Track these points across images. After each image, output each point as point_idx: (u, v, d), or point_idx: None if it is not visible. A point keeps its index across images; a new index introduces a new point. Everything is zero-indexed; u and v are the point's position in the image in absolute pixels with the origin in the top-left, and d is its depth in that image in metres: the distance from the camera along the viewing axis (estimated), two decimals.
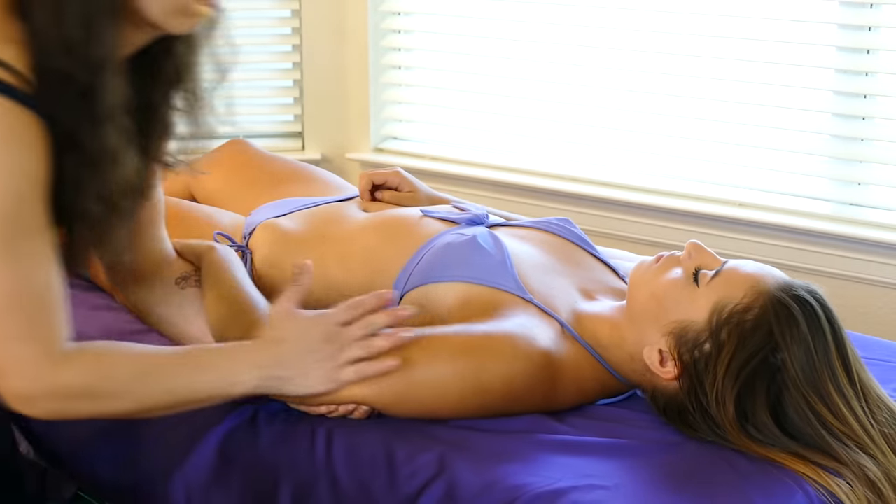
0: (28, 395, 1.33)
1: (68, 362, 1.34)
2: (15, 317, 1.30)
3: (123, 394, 1.39)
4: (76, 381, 1.35)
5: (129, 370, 1.39)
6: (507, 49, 3.14)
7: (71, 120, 1.29)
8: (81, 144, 1.30)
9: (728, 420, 1.48)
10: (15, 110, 1.24)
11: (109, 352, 1.40)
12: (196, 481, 1.54)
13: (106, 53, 1.29)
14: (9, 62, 1.24)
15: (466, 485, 1.40)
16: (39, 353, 1.31)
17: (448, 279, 1.63)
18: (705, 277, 1.55)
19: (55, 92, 1.27)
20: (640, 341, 1.58)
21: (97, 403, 1.38)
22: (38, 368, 1.31)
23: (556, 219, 1.85)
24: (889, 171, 2.66)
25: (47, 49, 1.26)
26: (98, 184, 1.34)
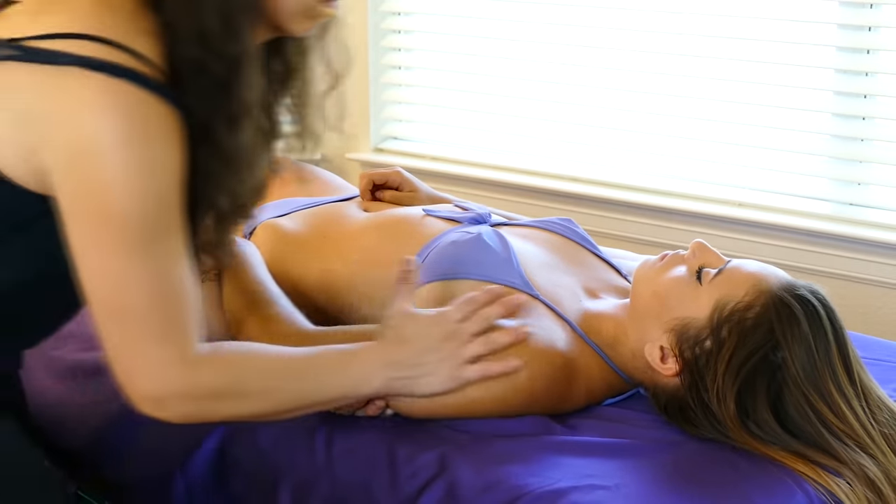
0: (160, 397, 1.29)
1: (203, 364, 1.31)
2: (153, 318, 1.26)
3: (258, 395, 1.37)
4: (211, 382, 1.32)
5: (264, 372, 1.37)
6: (507, 49, 3.14)
7: (206, 112, 1.26)
8: (217, 139, 1.27)
9: (729, 416, 1.48)
10: (153, 101, 1.20)
11: (244, 353, 1.38)
12: (196, 481, 1.54)
13: (242, 47, 1.26)
14: (143, 52, 1.21)
15: (467, 485, 1.40)
16: (175, 355, 1.28)
17: (455, 276, 1.63)
18: (708, 275, 1.56)
19: (191, 83, 1.24)
20: (642, 338, 1.58)
21: (231, 405, 1.36)
22: (172, 370, 1.28)
23: (559, 218, 1.85)
24: (889, 171, 2.66)
25: (182, 40, 1.23)
26: (231, 180, 1.31)
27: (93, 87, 1.18)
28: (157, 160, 1.22)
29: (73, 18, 1.21)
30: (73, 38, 1.19)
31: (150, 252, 1.25)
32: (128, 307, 1.25)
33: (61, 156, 1.21)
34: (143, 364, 1.28)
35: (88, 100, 1.18)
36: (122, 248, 1.23)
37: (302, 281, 1.78)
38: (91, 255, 1.24)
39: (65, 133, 1.20)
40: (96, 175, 1.20)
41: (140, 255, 1.24)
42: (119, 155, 1.19)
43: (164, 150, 1.22)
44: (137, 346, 1.27)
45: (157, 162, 1.22)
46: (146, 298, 1.25)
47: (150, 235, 1.24)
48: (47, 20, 1.22)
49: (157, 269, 1.25)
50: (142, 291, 1.25)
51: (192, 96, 1.25)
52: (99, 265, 1.24)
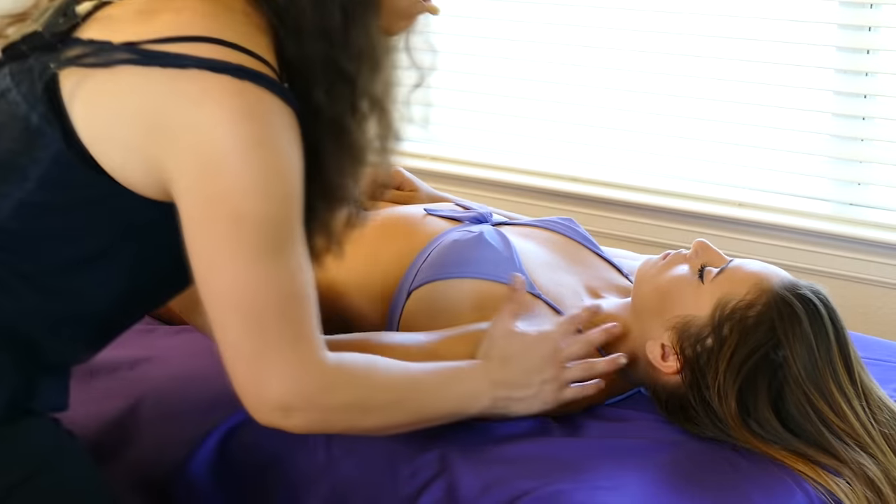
0: (287, 406, 1.26)
1: (333, 374, 1.29)
2: (286, 322, 1.23)
3: (383, 410, 1.36)
4: (342, 394, 1.30)
5: (394, 387, 1.36)
6: (507, 49, 3.14)
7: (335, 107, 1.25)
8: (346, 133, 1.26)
9: (730, 414, 1.48)
10: (275, 101, 1.18)
11: (373, 366, 1.36)
12: (196, 481, 1.54)
13: (368, 42, 1.25)
14: (260, 53, 1.19)
15: (467, 485, 1.40)
16: (303, 362, 1.25)
17: (458, 275, 1.63)
18: (710, 274, 1.56)
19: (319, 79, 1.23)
20: (644, 336, 1.58)
21: (355, 417, 1.34)
22: (301, 378, 1.25)
23: (560, 218, 1.85)
24: (889, 171, 2.66)
25: (305, 36, 1.22)
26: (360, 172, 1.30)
27: (219, 91, 1.16)
28: (284, 161, 1.20)
29: (189, 20, 1.18)
30: (192, 41, 1.17)
31: (280, 254, 1.22)
32: (262, 312, 1.22)
33: (187, 161, 1.18)
34: (277, 370, 1.24)
35: (214, 103, 1.16)
36: (254, 251, 1.21)
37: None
38: (221, 261, 1.21)
39: (191, 138, 1.17)
40: (227, 179, 1.18)
41: (272, 257, 1.21)
42: (249, 158, 1.17)
43: (288, 150, 1.20)
44: (272, 352, 1.23)
45: (284, 163, 1.20)
46: (279, 303, 1.23)
47: (280, 238, 1.22)
48: (160, 22, 1.19)
49: (287, 271, 1.23)
50: (274, 295, 1.22)
51: (320, 91, 1.23)
52: (231, 271, 1.21)
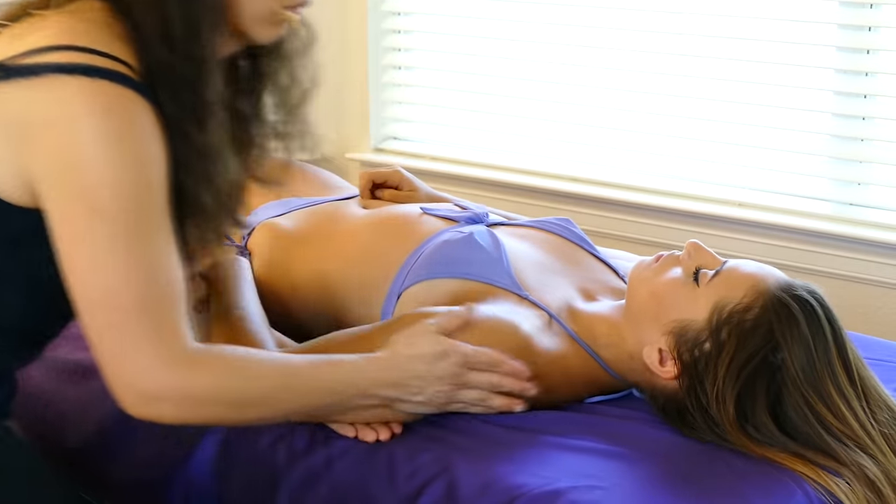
0: (153, 396, 1.28)
1: (202, 364, 1.31)
2: (146, 313, 1.26)
3: (259, 401, 1.36)
4: (213, 385, 1.31)
5: (269, 378, 1.36)
6: (507, 49, 3.14)
7: (177, 110, 1.29)
8: (189, 134, 1.30)
9: (728, 419, 1.48)
10: (132, 97, 1.24)
11: (246, 358, 1.37)
12: (196, 481, 1.54)
13: (206, 50, 1.30)
14: (117, 55, 1.25)
15: (466, 484, 1.40)
16: (170, 352, 1.28)
17: (443, 276, 1.63)
18: (705, 277, 1.55)
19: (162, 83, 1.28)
20: (640, 340, 1.58)
21: (225, 410, 1.35)
22: (168, 367, 1.28)
23: (556, 218, 1.85)
24: (889, 171, 2.66)
25: (150, 43, 1.28)
26: (209, 175, 1.33)
27: (72, 89, 1.22)
28: (142, 153, 1.25)
29: (51, 34, 1.26)
30: (51, 51, 1.24)
31: (141, 246, 1.26)
32: (121, 303, 1.26)
33: (49, 161, 1.24)
34: (137, 361, 1.27)
35: (69, 101, 1.22)
36: (112, 242, 1.25)
37: (300, 279, 1.78)
38: (81, 253, 1.26)
39: (50, 138, 1.23)
40: (84, 172, 1.23)
41: (131, 248, 1.25)
42: (105, 149, 1.23)
43: (146, 142, 1.26)
44: (132, 343, 1.27)
45: (142, 155, 1.25)
46: (139, 294, 1.26)
47: (140, 229, 1.25)
48: (28, 40, 1.27)
49: (148, 263, 1.26)
50: (134, 286, 1.26)
51: (164, 95, 1.29)
52: (90, 262, 1.26)
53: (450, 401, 1.47)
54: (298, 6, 1.39)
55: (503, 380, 1.49)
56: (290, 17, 1.38)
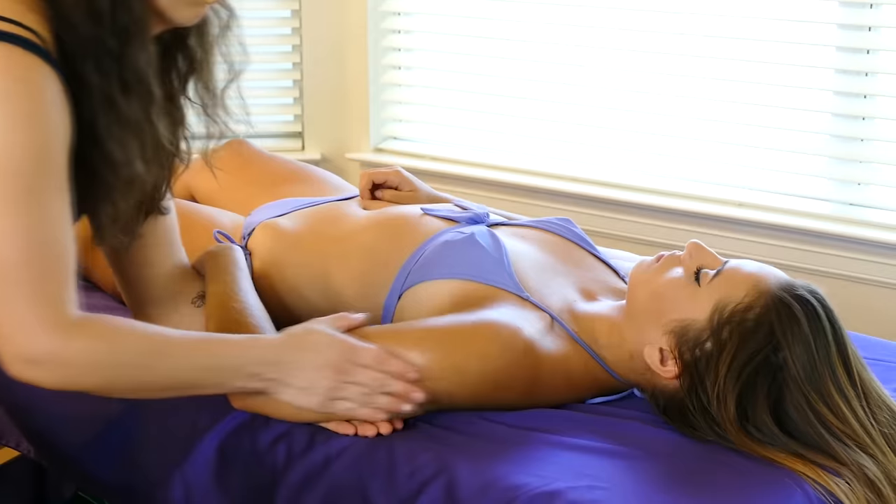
0: (32, 359, 1.29)
1: (79, 329, 1.31)
2: (27, 273, 1.27)
3: (131, 369, 1.37)
4: (85, 349, 1.32)
5: (141, 346, 1.37)
6: (508, 49, 3.14)
7: (104, 81, 1.31)
8: (116, 105, 1.31)
9: (728, 419, 1.48)
10: (36, 63, 1.25)
11: (122, 325, 1.38)
12: (195, 481, 1.54)
13: (133, 22, 1.31)
14: (31, 26, 1.26)
15: (465, 485, 1.40)
16: (49, 316, 1.28)
17: (444, 276, 1.63)
18: (706, 277, 1.55)
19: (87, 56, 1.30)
20: (641, 340, 1.58)
21: (102, 376, 1.35)
22: (46, 332, 1.28)
23: (557, 218, 1.85)
24: (889, 171, 2.66)
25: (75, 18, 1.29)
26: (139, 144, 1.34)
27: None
28: (40, 115, 1.25)
29: None
30: None
31: (29, 206, 1.26)
32: (5, 263, 1.26)
33: None
34: (16, 322, 1.28)
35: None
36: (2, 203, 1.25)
37: (300, 279, 1.78)
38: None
39: None
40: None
41: (18, 208, 1.25)
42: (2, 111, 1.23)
43: (46, 107, 1.26)
44: (11, 302, 1.27)
45: (40, 117, 1.25)
46: (21, 253, 1.26)
47: (29, 189, 1.26)
48: None
49: (34, 224, 1.27)
50: (16, 246, 1.26)
51: (90, 68, 1.30)
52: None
53: (334, 394, 1.46)
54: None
55: (388, 379, 1.48)
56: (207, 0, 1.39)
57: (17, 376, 1.32)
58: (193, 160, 1.54)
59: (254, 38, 3.31)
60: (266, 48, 3.40)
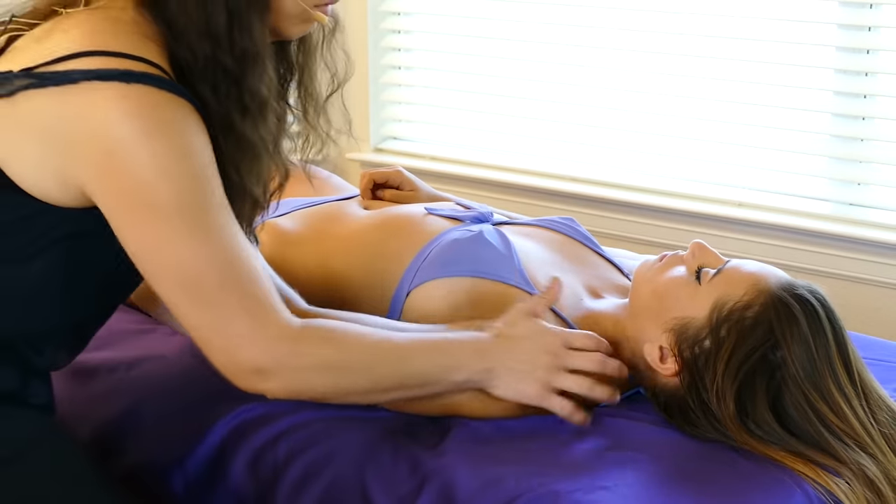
0: (260, 369, 1.32)
1: (305, 335, 1.35)
2: (232, 290, 1.30)
3: (361, 370, 1.40)
4: (315, 353, 1.35)
5: (364, 346, 1.40)
6: (508, 49, 3.14)
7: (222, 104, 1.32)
8: (235, 128, 1.33)
9: (729, 416, 1.48)
10: (167, 97, 1.26)
11: (343, 328, 1.41)
12: (195, 478, 1.54)
13: (251, 42, 1.32)
14: (148, 57, 1.27)
15: (464, 485, 1.40)
16: (264, 325, 1.31)
17: (456, 274, 1.63)
18: (707, 275, 1.56)
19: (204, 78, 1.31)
20: (642, 338, 1.58)
21: (332, 378, 1.38)
22: (272, 341, 1.32)
23: (561, 217, 1.85)
24: (889, 171, 2.66)
25: (191, 39, 1.30)
26: (258, 168, 1.36)
27: (108, 95, 1.24)
28: (182, 145, 1.27)
29: (78, 37, 1.27)
30: (82, 57, 1.25)
31: (205, 229, 1.29)
32: (203, 285, 1.29)
33: (92, 166, 1.26)
34: (241, 336, 1.31)
35: (105, 107, 1.24)
36: (177, 230, 1.28)
37: (302, 279, 1.77)
38: (151, 247, 1.29)
39: (91, 144, 1.25)
40: (129, 172, 1.25)
41: (197, 233, 1.28)
42: (145, 147, 1.25)
43: (185, 135, 1.27)
44: (230, 320, 1.30)
45: (183, 147, 1.27)
46: (219, 271, 1.29)
47: (199, 214, 1.28)
48: (54, 44, 1.28)
49: (216, 244, 1.29)
50: (213, 265, 1.29)
51: (207, 90, 1.30)
52: (161, 253, 1.29)
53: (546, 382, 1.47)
54: (328, 4, 1.41)
55: (611, 365, 1.50)
56: (319, 17, 1.40)
57: (248, 388, 1.35)
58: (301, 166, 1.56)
59: None
60: None
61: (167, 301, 1.32)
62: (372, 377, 1.41)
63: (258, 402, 1.56)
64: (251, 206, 1.40)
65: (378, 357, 1.41)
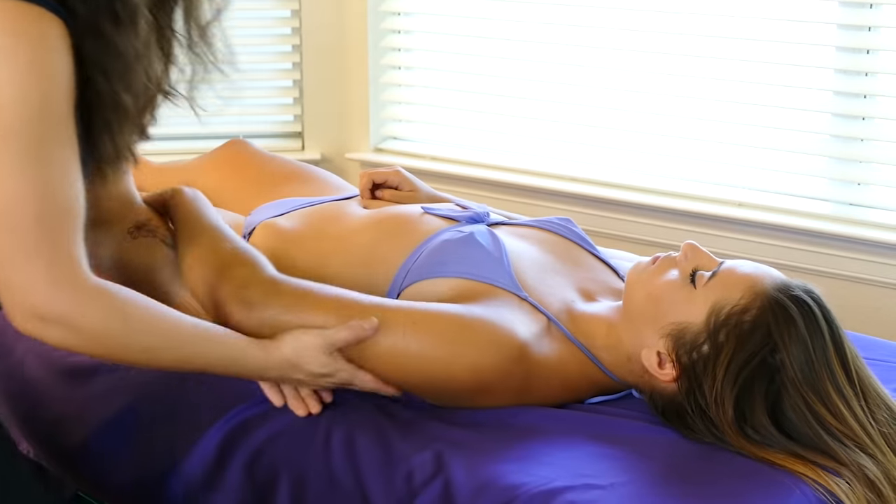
0: (44, 317, 1.27)
1: (95, 297, 1.30)
2: (38, 230, 1.24)
3: (138, 351, 1.37)
4: (97, 318, 1.31)
5: (150, 328, 1.36)
6: (507, 49, 3.14)
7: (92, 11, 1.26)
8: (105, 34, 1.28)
9: (727, 422, 1.48)
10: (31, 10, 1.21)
11: (135, 302, 1.36)
12: (194, 480, 1.54)
13: None
14: None
15: (463, 484, 1.40)
16: (65, 275, 1.27)
17: (443, 275, 1.63)
18: (702, 278, 1.55)
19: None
20: (638, 343, 1.58)
21: (110, 348, 1.35)
22: (62, 292, 1.27)
23: (557, 218, 1.85)
24: (889, 171, 2.66)
25: None
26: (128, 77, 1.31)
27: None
28: (47, 68, 1.22)
29: None
30: None
31: (37, 162, 1.24)
32: (16, 218, 1.24)
33: None
34: (30, 278, 1.26)
35: None
36: (13, 159, 1.23)
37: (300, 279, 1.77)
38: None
39: None
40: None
41: (25, 164, 1.23)
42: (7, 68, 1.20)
43: (52, 57, 1.22)
44: (30, 259, 1.25)
45: (47, 69, 1.22)
46: (35, 208, 1.24)
47: (37, 142, 1.23)
48: None
49: (46, 178, 1.24)
50: (30, 200, 1.24)
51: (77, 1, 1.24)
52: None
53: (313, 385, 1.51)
54: None
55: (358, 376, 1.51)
56: None
57: (25, 331, 1.30)
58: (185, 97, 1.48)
59: (253, 39, 3.35)
60: (266, 48, 3.40)
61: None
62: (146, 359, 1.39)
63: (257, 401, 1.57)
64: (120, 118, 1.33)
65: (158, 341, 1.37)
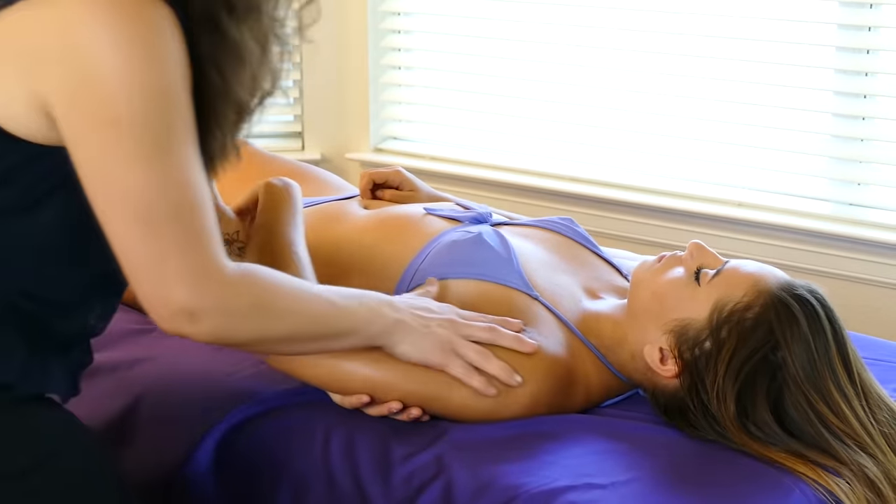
0: (191, 311, 1.25)
1: (235, 278, 1.27)
2: (176, 227, 1.21)
3: (285, 314, 1.35)
4: (245, 297, 1.29)
5: (291, 293, 1.36)
6: (507, 49, 3.14)
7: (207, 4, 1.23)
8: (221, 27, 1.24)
9: (729, 418, 1.48)
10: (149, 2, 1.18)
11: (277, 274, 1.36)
12: (195, 481, 1.54)
13: None
14: None
15: (463, 485, 1.40)
16: (203, 266, 1.24)
17: (456, 276, 1.63)
18: (706, 276, 1.55)
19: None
20: (641, 340, 1.58)
21: (263, 325, 1.33)
22: (203, 282, 1.24)
23: (559, 218, 1.85)
24: (889, 171, 2.66)
25: None
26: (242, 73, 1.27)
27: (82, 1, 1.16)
28: (158, 57, 1.18)
29: None
30: None
31: (166, 157, 1.20)
32: (154, 216, 1.21)
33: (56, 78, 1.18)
34: (178, 274, 1.23)
35: (79, 12, 1.16)
36: (136, 152, 1.19)
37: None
38: (107, 170, 1.19)
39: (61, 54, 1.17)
40: (100, 83, 1.16)
41: (157, 160, 1.20)
42: (117, 55, 1.16)
43: (162, 46, 1.19)
44: (171, 256, 1.22)
45: (158, 58, 1.18)
46: (170, 206, 1.21)
47: (162, 138, 1.20)
48: None
49: (175, 175, 1.21)
50: (164, 198, 1.21)
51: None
52: (118, 177, 1.19)
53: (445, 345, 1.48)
54: None
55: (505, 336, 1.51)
56: None
57: (172, 331, 1.27)
58: None
59: None
60: None
61: (108, 230, 1.22)
62: (293, 323, 1.37)
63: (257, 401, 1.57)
64: (236, 114, 1.30)
65: (302, 304, 1.37)
